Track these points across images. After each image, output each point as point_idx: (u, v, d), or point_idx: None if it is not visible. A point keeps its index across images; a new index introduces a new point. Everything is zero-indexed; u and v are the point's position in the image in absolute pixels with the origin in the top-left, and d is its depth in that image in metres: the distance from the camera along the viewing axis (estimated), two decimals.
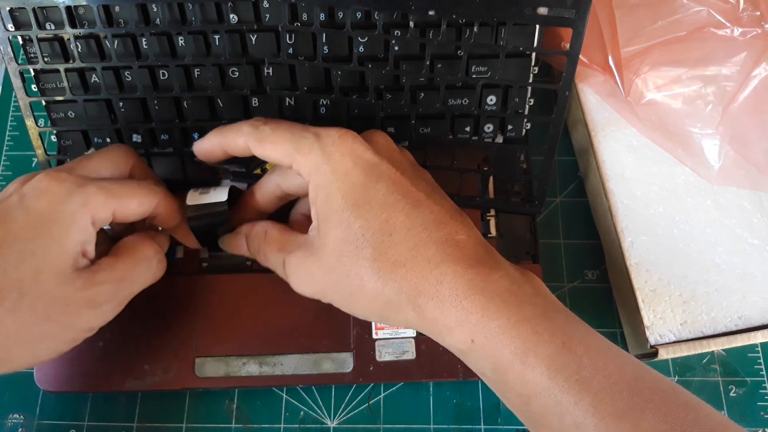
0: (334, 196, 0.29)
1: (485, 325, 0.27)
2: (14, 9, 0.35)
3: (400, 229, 0.28)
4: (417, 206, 0.29)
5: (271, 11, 0.36)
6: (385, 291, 0.28)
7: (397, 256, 0.28)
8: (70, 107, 0.38)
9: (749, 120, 0.38)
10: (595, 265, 0.42)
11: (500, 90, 0.38)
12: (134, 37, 0.36)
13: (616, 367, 0.26)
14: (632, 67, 0.39)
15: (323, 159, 0.29)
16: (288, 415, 0.38)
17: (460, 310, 0.28)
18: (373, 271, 0.28)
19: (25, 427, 0.38)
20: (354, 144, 0.30)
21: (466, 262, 0.28)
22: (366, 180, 0.29)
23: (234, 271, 0.38)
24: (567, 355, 0.26)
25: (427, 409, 0.38)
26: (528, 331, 0.27)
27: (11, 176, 0.45)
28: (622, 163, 0.40)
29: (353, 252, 0.29)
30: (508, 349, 0.27)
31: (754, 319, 0.37)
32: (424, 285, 0.28)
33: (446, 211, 0.30)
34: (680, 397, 0.26)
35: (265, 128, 0.31)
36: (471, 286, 0.28)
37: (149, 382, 0.36)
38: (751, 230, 0.39)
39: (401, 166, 0.31)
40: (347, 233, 0.29)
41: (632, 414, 0.25)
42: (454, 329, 0.28)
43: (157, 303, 0.37)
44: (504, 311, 0.27)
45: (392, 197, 0.29)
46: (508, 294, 0.28)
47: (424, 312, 0.28)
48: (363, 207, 0.29)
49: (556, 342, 0.26)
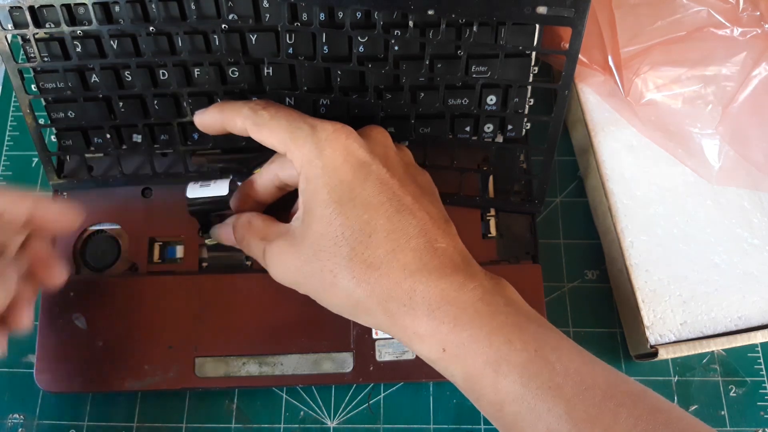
0: (320, 190, 0.29)
1: (457, 335, 0.27)
2: (13, 8, 0.35)
3: (380, 231, 0.28)
4: (401, 210, 0.29)
5: (270, 11, 0.36)
6: (356, 292, 0.29)
7: (373, 259, 0.28)
8: (70, 106, 0.38)
9: (749, 120, 0.38)
10: (595, 265, 0.42)
11: (500, 90, 0.38)
12: (133, 36, 0.36)
13: (589, 373, 0.26)
14: (632, 67, 0.39)
15: (315, 152, 0.29)
16: (288, 415, 0.38)
17: (432, 320, 0.28)
18: (348, 270, 0.28)
19: (25, 427, 0.38)
20: (347, 140, 0.30)
21: (442, 271, 0.28)
22: (354, 178, 0.29)
23: (234, 271, 0.38)
24: (540, 362, 0.26)
25: (427, 409, 0.38)
26: (500, 340, 0.27)
27: (11, 176, 0.44)
28: (622, 163, 0.40)
29: (331, 248, 0.29)
30: (481, 359, 0.27)
31: (754, 319, 0.37)
32: (396, 291, 0.28)
33: (430, 217, 0.30)
34: (651, 401, 0.26)
35: (264, 114, 0.31)
36: (444, 296, 0.28)
37: (149, 382, 0.36)
38: (751, 230, 0.39)
39: (393, 166, 0.31)
40: (327, 229, 0.29)
41: (605, 419, 0.25)
42: (425, 338, 0.28)
43: (157, 303, 0.37)
44: (476, 321, 0.27)
45: (377, 198, 0.29)
46: (481, 303, 0.28)
47: (395, 318, 0.28)
48: (347, 205, 0.29)
49: (528, 350, 0.27)
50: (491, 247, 0.39)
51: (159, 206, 0.37)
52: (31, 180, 0.44)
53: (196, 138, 0.39)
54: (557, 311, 0.41)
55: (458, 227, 0.39)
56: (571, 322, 0.40)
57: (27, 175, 0.44)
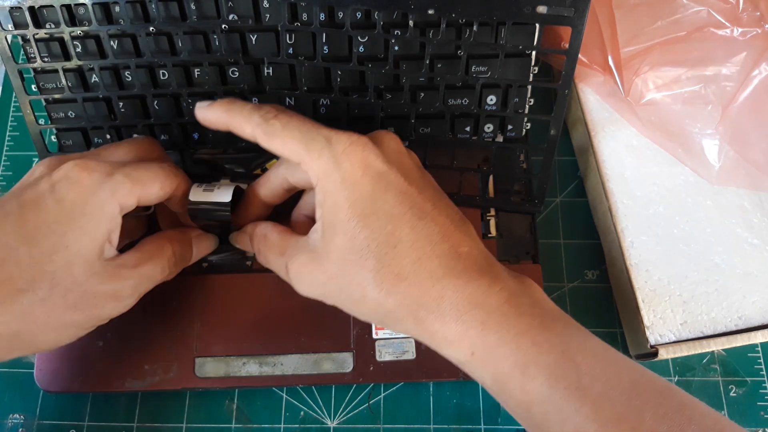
0: (341, 204, 0.29)
1: (485, 338, 0.27)
2: (13, 9, 0.35)
3: (405, 241, 0.28)
4: (423, 218, 0.29)
5: (270, 11, 0.36)
6: (386, 303, 0.29)
7: (400, 269, 0.28)
8: (70, 106, 0.38)
9: (749, 120, 0.38)
10: (595, 265, 0.42)
11: (500, 89, 0.38)
12: (133, 37, 0.36)
13: (614, 372, 0.26)
14: (632, 67, 0.39)
15: (333, 166, 0.29)
16: (288, 415, 0.38)
17: (461, 324, 0.28)
18: (376, 283, 0.28)
19: (25, 427, 0.38)
20: (364, 152, 0.29)
21: (468, 275, 0.28)
22: (374, 191, 0.29)
23: (234, 271, 0.38)
24: (566, 363, 0.27)
25: (427, 409, 0.38)
26: (527, 343, 0.27)
27: (11, 176, 0.44)
28: (622, 163, 0.40)
29: (357, 262, 0.29)
30: (509, 361, 0.27)
31: (754, 319, 0.37)
32: (425, 299, 0.28)
33: (451, 220, 0.30)
34: (676, 397, 0.26)
35: (276, 123, 0.30)
36: (471, 301, 0.28)
37: (149, 382, 0.36)
38: (751, 230, 0.39)
39: (410, 173, 0.31)
40: (352, 243, 0.29)
41: (631, 417, 0.25)
42: (454, 342, 0.28)
43: (157, 303, 0.37)
44: (504, 324, 0.27)
45: (399, 209, 0.29)
46: (507, 306, 0.28)
47: (425, 324, 0.29)
48: (369, 218, 0.29)
49: (555, 351, 0.27)
50: (491, 248, 0.39)
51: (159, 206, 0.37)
52: None
53: (196, 138, 0.39)
54: None
55: None
56: None
57: None
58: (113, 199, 0.30)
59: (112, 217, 0.30)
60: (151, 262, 0.32)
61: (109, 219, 0.30)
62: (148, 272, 0.32)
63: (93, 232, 0.30)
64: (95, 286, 0.30)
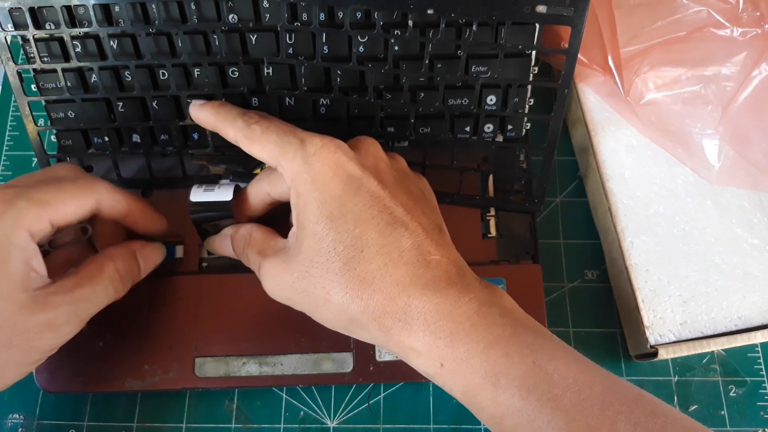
0: (310, 206, 0.29)
1: (454, 349, 0.27)
2: (13, 9, 0.35)
3: (372, 246, 0.28)
4: (392, 224, 0.29)
5: (270, 11, 0.36)
6: (350, 307, 0.28)
7: (366, 274, 0.28)
8: (69, 107, 0.38)
9: (749, 120, 0.38)
10: (595, 265, 0.42)
11: (500, 89, 0.38)
12: (133, 37, 0.36)
13: (586, 381, 0.26)
14: (632, 67, 0.39)
15: (304, 167, 0.29)
16: (288, 415, 0.38)
17: (428, 335, 0.27)
18: (341, 286, 0.28)
19: (25, 427, 0.38)
20: (336, 154, 0.29)
21: (436, 285, 0.28)
22: (344, 193, 0.29)
23: (234, 271, 0.38)
24: (538, 374, 0.26)
25: (427, 409, 0.38)
26: (498, 354, 0.27)
27: (11, 176, 0.44)
28: (622, 163, 0.40)
29: (323, 264, 0.28)
30: (479, 373, 0.27)
31: (754, 319, 0.37)
32: (391, 307, 0.28)
33: (423, 228, 0.29)
34: (648, 405, 0.26)
35: (256, 128, 0.31)
36: (439, 311, 0.27)
37: (149, 382, 0.36)
38: (751, 230, 0.39)
39: (384, 178, 0.30)
40: (319, 245, 0.29)
41: (603, 427, 0.25)
42: (422, 353, 0.28)
43: (157, 303, 0.37)
44: (473, 336, 0.27)
45: (368, 212, 0.29)
46: (477, 317, 0.28)
47: (390, 333, 0.28)
48: (338, 220, 0.28)
49: (526, 362, 0.26)
50: (491, 247, 0.39)
51: (159, 206, 0.37)
52: None
53: (196, 138, 0.39)
54: (557, 311, 0.41)
55: (458, 227, 0.39)
56: (571, 322, 0.40)
57: None
58: (18, 228, 0.29)
59: (23, 247, 0.29)
60: (89, 284, 0.31)
61: (20, 249, 0.29)
62: (87, 295, 0.31)
63: (4, 266, 0.28)
64: (26, 319, 0.29)
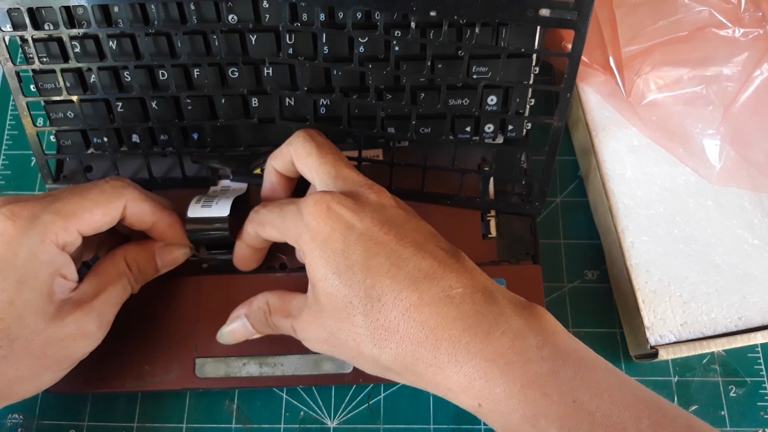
0: (316, 264, 0.28)
1: (491, 391, 0.26)
2: (11, 9, 0.35)
3: (388, 293, 0.27)
4: (403, 266, 0.28)
5: (271, 11, 0.36)
6: (382, 358, 0.28)
7: (389, 323, 0.27)
8: (69, 107, 0.38)
9: (750, 120, 0.38)
10: (595, 265, 0.42)
11: (501, 90, 0.37)
12: (132, 37, 0.36)
13: (631, 418, 0.25)
14: (633, 67, 0.39)
15: (303, 228, 0.29)
16: (288, 415, 0.38)
17: (462, 376, 0.26)
18: (368, 338, 0.28)
19: (24, 427, 0.38)
20: (329, 208, 0.29)
21: (464, 322, 0.27)
22: (345, 246, 0.28)
23: (234, 271, 0.38)
24: (579, 414, 0.25)
25: (427, 409, 0.38)
26: (536, 394, 0.26)
27: (10, 175, 0.44)
28: (623, 164, 0.40)
29: (346, 319, 0.28)
30: (517, 414, 0.26)
31: (754, 320, 0.37)
32: (420, 352, 0.27)
33: (438, 262, 0.28)
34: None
35: (263, 211, 0.33)
36: (469, 351, 0.26)
37: (149, 382, 0.36)
38: (752, 231, 0.39)
39: (389, 220, 0.29)
40: (335, 301, 0.28)
41: None
42: (459, 394, 0.27)
43: (157, 303, 0.37)
44: (509, 375, 0.26)
45: (375, 260, 0.28)
46: (511, 353, 0.26)
47: (425, 378, 0.28)
48: (345, 274, 0.28)
49: (566, 401, 0.25)
50: (491, 248, 0.39)
51: None
52: (30, 180, 0.44)
53: (195, 138, 0.39)
54: (557, 311, 0.41)
55: (458, 228, 0.39)
56: (571, 323, 0.40)
57: (26, 175, 0.44)
58: (45, 244, 0.29)
59: (51, 261, 0.29)
60: (111, 286, 0.32)
61: (47, 264, 0.29)
62: (111, 297, 0.32)
63: (32, 282, 0.28)
64: (58, 330, 0.29)
